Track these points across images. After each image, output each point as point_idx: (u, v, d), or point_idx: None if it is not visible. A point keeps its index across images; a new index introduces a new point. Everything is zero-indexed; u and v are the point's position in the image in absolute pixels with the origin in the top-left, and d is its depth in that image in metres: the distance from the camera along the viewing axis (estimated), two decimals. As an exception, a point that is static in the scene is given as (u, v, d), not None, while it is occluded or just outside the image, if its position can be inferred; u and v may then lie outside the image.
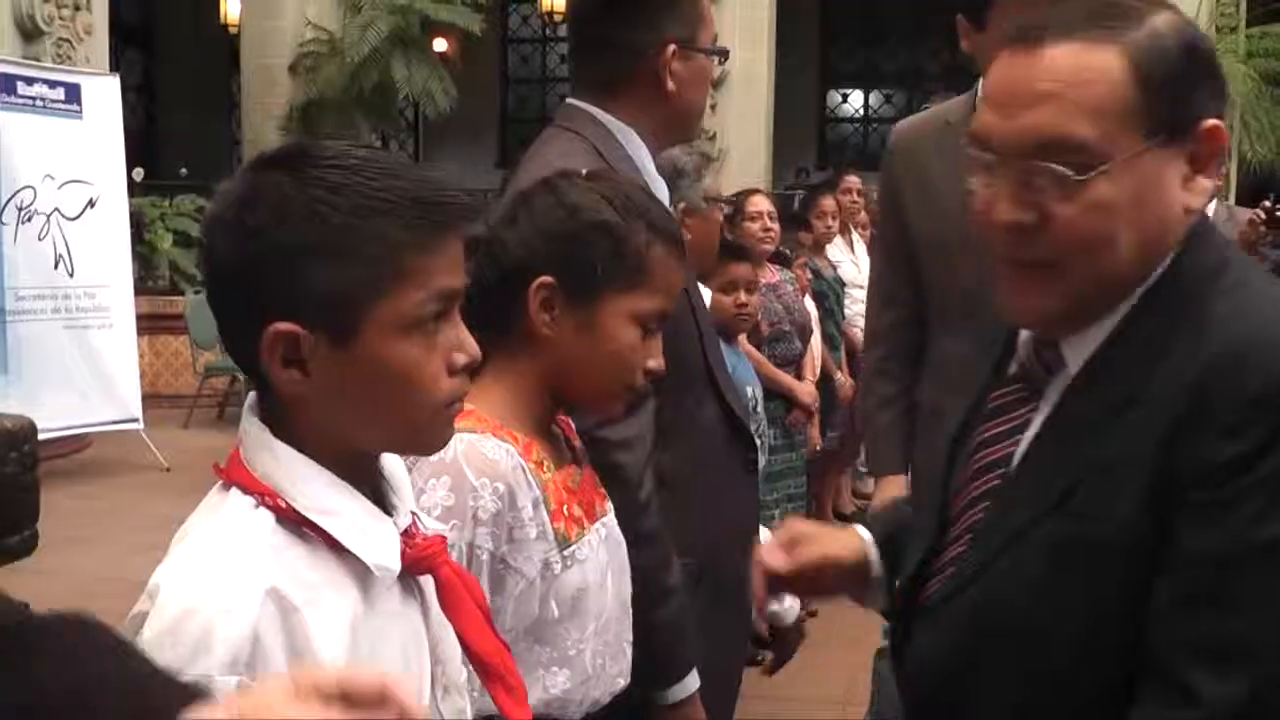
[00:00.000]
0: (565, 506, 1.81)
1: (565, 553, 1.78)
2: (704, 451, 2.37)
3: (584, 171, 1.94)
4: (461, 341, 1.36)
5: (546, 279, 1.80)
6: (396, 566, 1.34)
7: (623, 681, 1.92)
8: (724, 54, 2.48)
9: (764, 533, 2.78)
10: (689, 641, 2.09)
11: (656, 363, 1.86)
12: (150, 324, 10.88)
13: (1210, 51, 1.44)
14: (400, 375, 1.31)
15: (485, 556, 1.69)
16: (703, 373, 2.38)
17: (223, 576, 1.24)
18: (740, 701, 3.37)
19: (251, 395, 1.38)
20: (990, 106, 1.43)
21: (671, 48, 2.35)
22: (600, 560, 1.85)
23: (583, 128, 2.35)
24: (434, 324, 1.33)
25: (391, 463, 1.44)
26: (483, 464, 1.71)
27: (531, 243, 1.84)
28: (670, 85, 2.36)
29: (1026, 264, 1.42)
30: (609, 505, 1.96)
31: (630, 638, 1.95)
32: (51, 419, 8.12)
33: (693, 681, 2.09)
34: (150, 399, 9.91)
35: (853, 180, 8.00)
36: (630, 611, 1.95)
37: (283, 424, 1.33)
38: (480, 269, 1.92)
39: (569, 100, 2.43)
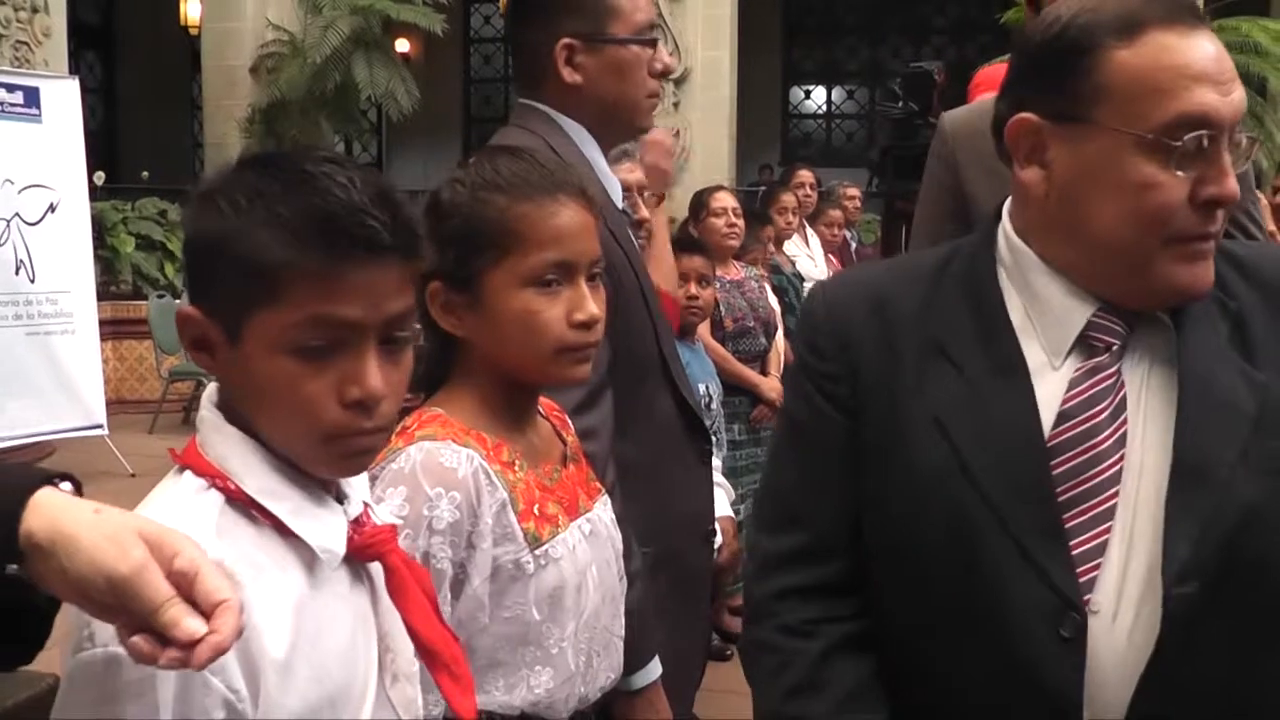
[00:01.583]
0: (536, 505, 1.79)
1: (537, 552, 1.76)
2: (660, 441, 2.38)
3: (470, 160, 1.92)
4: (360, 375, 1.31)
5: (434, 284, 1.79)
6: (340, 550, 1.35)
7: (612, 676, 1.92)
8: (644, 42, 2.42)
9: (723, 503, 2.82)
10: (651, 628, 2.09)
11: (584, 313, 1.80)
12: (114, 329, 10.84)
13: None
14: (273, 392, 1.31)
15: (444, 566, 1.68)
16: (657, 363, 2.39)
17: None
18: (710, 695, 3.39)
19: (214, 383, 1.39)
20: (1209, 84, 1.44)
21: (563, 42, 2.37)
22: (581, 557, 1.83)
23: (535, 125, 2.38)
24: (320, 351, 1.30)
25: None
26: (440, 473, 1.69)
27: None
28: (573, 80, 2.38)
29: (1213, 237, 1.49)
30: (599, 500, 1.94)
31: (621, 633, 1.94)
32: (15, 426, 8.11)
33: (655, 668, 2.10)
34: (115, 405, 9.87)
35: (805, 175, 8.05)
36: (620, 606, 1.95)
37: (235, 410, 1.35)
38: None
39: (520, 99, 2.47)
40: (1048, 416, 1.51)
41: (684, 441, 2.47)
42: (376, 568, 1.43)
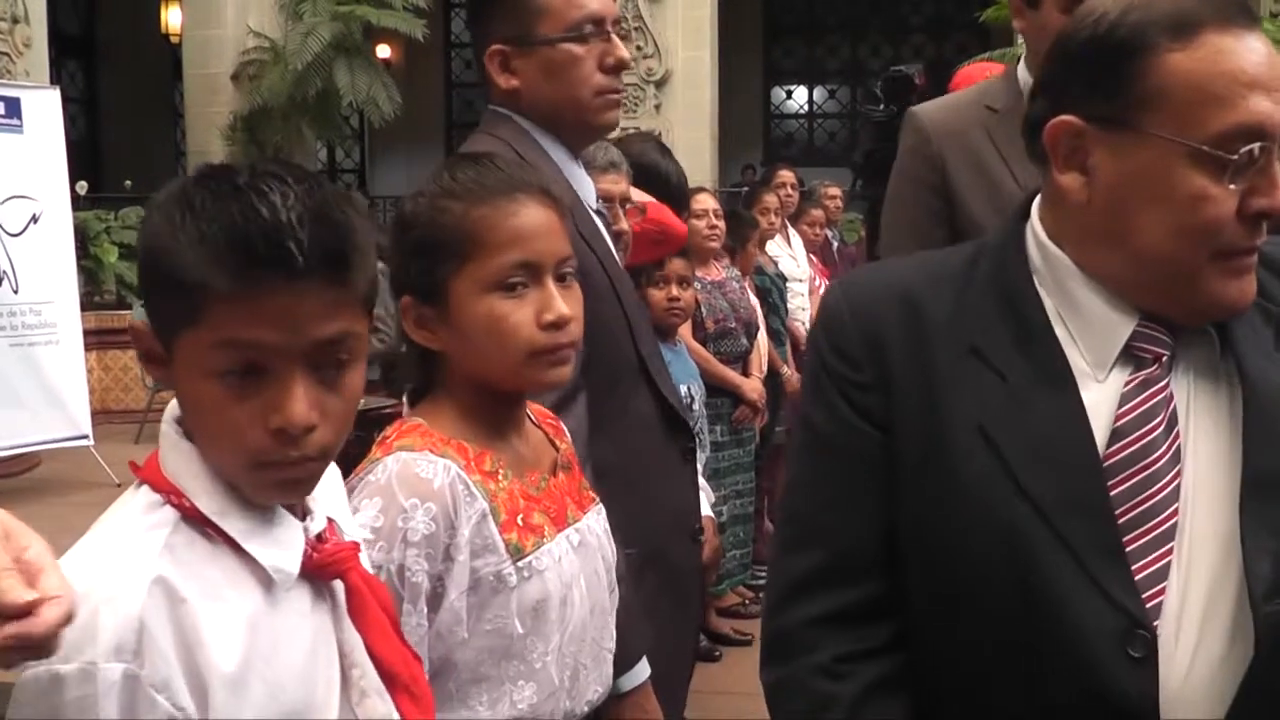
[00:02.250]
0: (521, 516, 1.76)
1: (520, 564, 1.73)
2: (640, 442, 2.36)
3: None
4: (280, 404, 1.27)
5: (405, 299, 1.79)
6: (294, 570, 1.33)
7: (601, 690, 1.89)
8: (576, 39, 2.37)
9: (705, 506, 2.79)
10: (636, 630, 2.08)
11: (553, 313, 1.76)
12: (98, 339, 10.81)
13: None
14: (201, 415, 1.29)
15: (419, 579, 1.65)
16: (634, 363, 2.37)
17: (111, 566, 1.24)
18: (700, 696, 3.41)
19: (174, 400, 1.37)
20: (1262, 92, 1.36)
21: (492, 49, 2.40)
22: (568, 569, 1.80)
23: (499, 129, 2.40)
24: (240, 377, 1.27)
25: None
26: (415, 484, 1.66)
27: (390, 271, 1.83)
28: (510, 85, 2.39)
29: (1256, 251, 1.43)
30: (591, 510, 1.91)
31: (611, 645, 1.91)
32: (0, 438, 8.11)
33: (643, 670, 2.09)
34: (100, 415, 9.85)
35: (786, 174, 8.08)
36: (611, 618, 1.91)
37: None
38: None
39: (489, 106, 2.48)
40: (1099, 431, 1.43)
41: (666, 441, 2.45)
42: (340, 585, 1.41)
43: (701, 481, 2.83)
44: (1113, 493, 1.40)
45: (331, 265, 1.26)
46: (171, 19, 16.13)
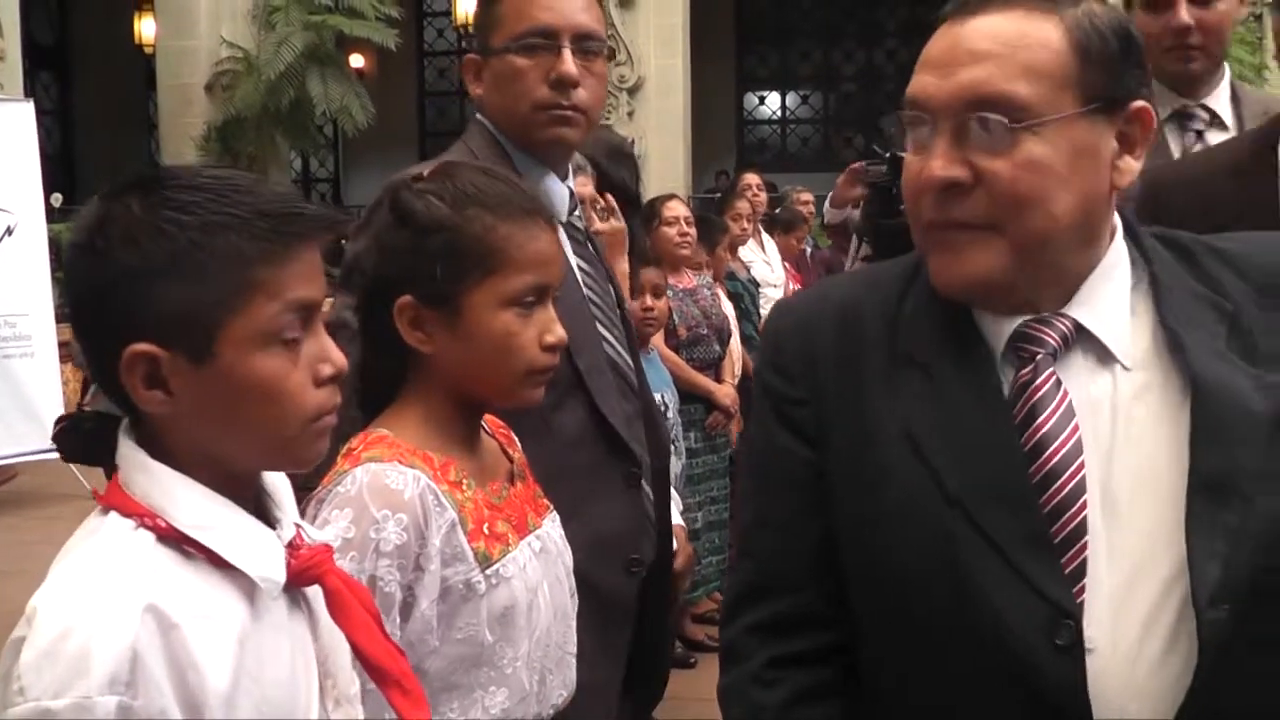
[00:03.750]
0: (486, 525, 1.77)
1: (488, 572, 1.75)
2: (566, 459, 2.22)
3: (423, 171, 1.89)
4: (326, 353, 1.35)
5: (404, 299, 1.78)
6: (281, 577, 1.34)
7: (565, 694, 1.91)
8: (518, 51, 2.33)
9: (676, 516, 2.69)
10: None
11: (554, 336, 1.82)
12: (73, 351, 10.78)
13: (1141, 43, 1.49)
14: (262, 389, 1.31)
15: (391, 589, 1.66)
16: (568, 376, 2.24)
17: (99, 596, 1.22)
18: (675, 703, 3.42)
19: (125, 420, 1.36)
20: (928, 70, 1.45)
21: (469, 56, 2.43)
22: (532, 575, 1.82)
23: (473, 139, 2.41)
24: (294, 336, 1.32)
25: (272, 476, 1.44)
26: (386, 495, 1.68)
27: (381, 265, 1.83)
28: (476, 93, 2.41)
29: (961, 225, 1.44)
30: (547, 517, 1.93)
31: (573, 649, 1.93)
32: (-24, 450, 8.10)
33: None
34: (76, 426, 9.80)
35: (750, 177, 8.13)
36: (572, 622, 1.93)
37: (157, 444, 1.33)
38: (355, 300, 1.92)
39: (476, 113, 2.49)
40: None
41: (602, 462, 2.34)
42: (312, 592, 1.42)
43: (673, 491, 2.77)
44: (1035, 480, 1.42)
45: (325, 226, 1.37)
46: (145, 29, 16.08)
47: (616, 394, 2.39)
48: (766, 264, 7.63)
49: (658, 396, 4.44)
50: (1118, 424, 1.45)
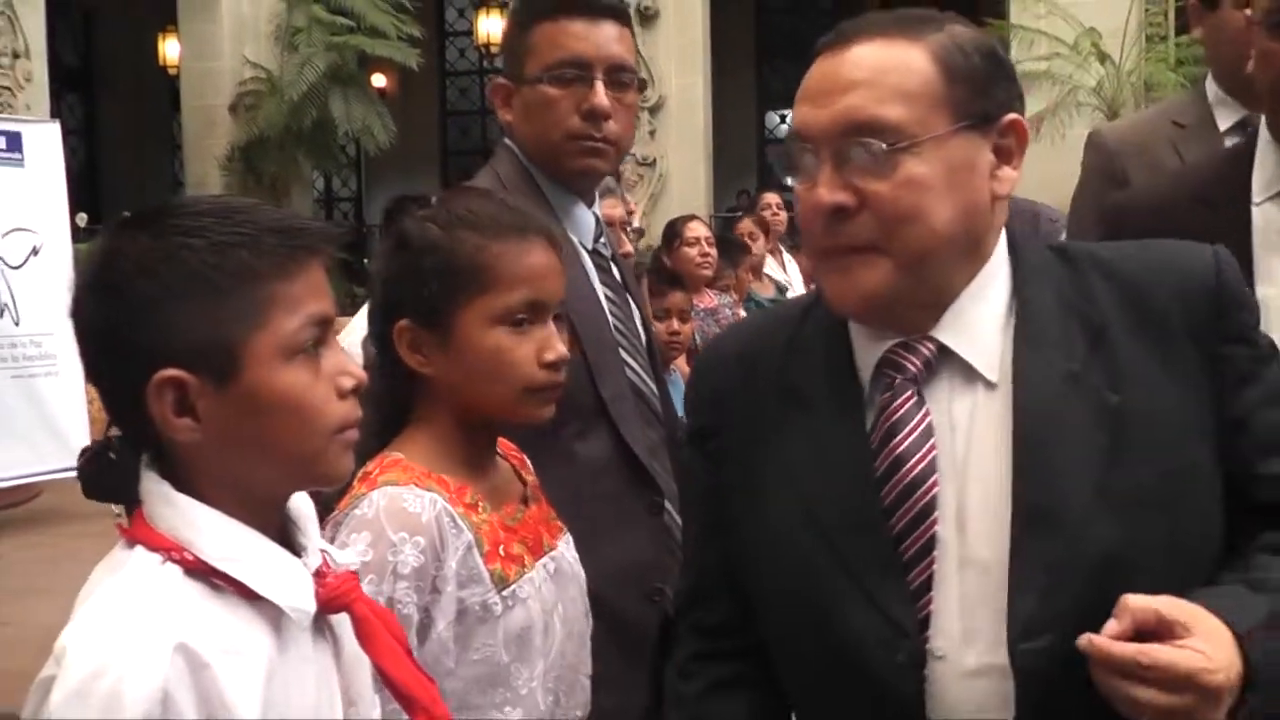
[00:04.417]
0: (502, 546, 1.79)
1: (505, 593, 1.76)
2: (589, 488, 2.22)
3: (431, 197, 1.91)
4: (345, 366, 1.37)
5: (402, 322, 1.81)
6: (311, 606, 1.35)
7: (580, 714, 1.91)
8: (550, 81, 2.33)
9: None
10: None
11: (554, 353, 1.82)
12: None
13: (1006, 58, 1.57)
14: (288, 403, 1.32)
15: (409, 610, 1.67)
16: (591, 405, 2.26)
17: (130, 635, 1.22)
18: None
19: (146, 456, 1.36)
20: (806, 101, 1.51)
21: (495, 83, 2.43)
22: (547, 596, 1.83)
23: (500, 164, 2.42)
24: (314, 350, 1.35)
25: (297, 502, 1.44)
26: (403, 519, 1.69)
27: (385, 290, 1.86)
28: (506, 120, 2.42)
29: (849, 249, 1.48)
30: (561, 538, 1.94)
31: (588, 670, 1.93)
32: (1, 469, 8.13)
33: None
34: (100, 444, 9.83)
35: (770, 196, 8.12)
36: (587, 643, 1.93)
37: (181, 477, 1.34)
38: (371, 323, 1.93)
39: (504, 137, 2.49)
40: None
41: (626, 490, 2.31)
42: (336, 619, 1.43)
43: None
44: (884, 505, 1.49)
45: (332, 241, 1.40)
46: (169, 51, 16.19)
47: (640, 422, 2.38)
48: (787, 283, 7.60)
49: (682, 417, 4.41)
50: (973, 443, 1.50)
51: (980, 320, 1.53)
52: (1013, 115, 1.52)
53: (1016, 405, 1.48)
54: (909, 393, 1.51)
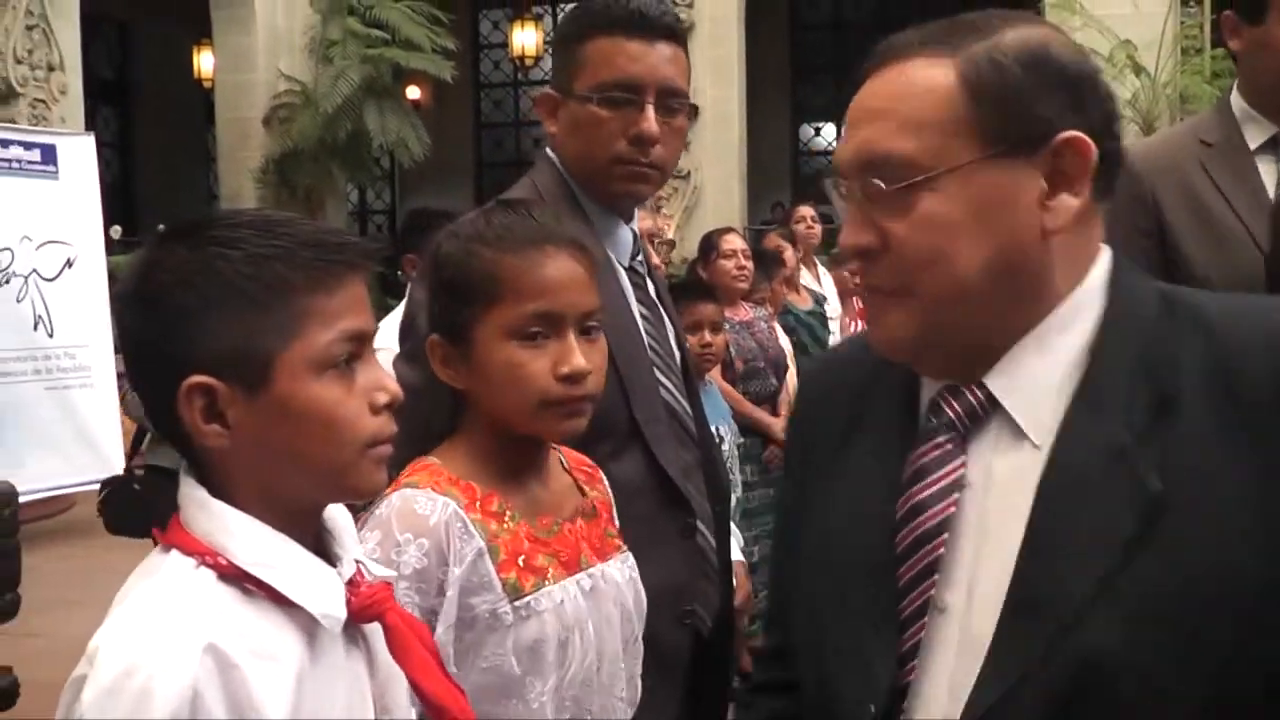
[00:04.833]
0: (523, 557, 1.77)
1: (518, 604, 1.75)
2: (619, 508, 2.11)
3: (451, 212, 1.93)
4: (381, 381, 1.38)
5: (433, 337, 1.84)
6: (342, 614, 1.36)
7: None
8: (601, 101, 2.28)
9: (735, 551, 2.66)
10: None
11: (569, 366, 1.78)
12: (128, 405, 10.87)
13: (1071, 63, 1.32)
14: (318, 416, 1.33)
15: (409, 611, 1.64)
16: (625, 426, 2.24)
17: (160, 635, 1.25)
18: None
19: (184, 463, 1.39)
20: (845, 130, 1.40)
21: (542, 92, 2.40)
22: (571, 612, 1.80)
23: (540, 175, 2.39)
24: (348, 365, 1.36)
25: (334, 512, 1.46)
26: (411, 520, 1.71)
27: (429, 308, 1.90)
28: (550, 130, 2.38)
29: (881, 290, 1.36)
30: (615, 558, 1.91)
31: (623, 693, 1.90)
32: (35, 480, 8.12)
33: None
34: (133, 456, 9.90)
35: (804, 209, 8.02)
36: (622, 666, 1.90)
37: (216, 483, 1.36)
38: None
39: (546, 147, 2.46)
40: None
41: (658, 512, 2.27)
42: (370, 629, 1.43)
43: (732, 526, 2.72)
44: (897, 551, 1.36)
45: (369, 257, 1.41)
46: (204, 64, 16.32)
47: (675, 443, 2.35)
48: (823, 295, 7.55)
49: (714, 428, 4.42)
50: (1006, 506, 1.32)
51: (1038, 373, 1.33)
52: (1068, 133, 1.29)
53: (1046, 473, 1.29)
54: (942, 439, 1.36)
